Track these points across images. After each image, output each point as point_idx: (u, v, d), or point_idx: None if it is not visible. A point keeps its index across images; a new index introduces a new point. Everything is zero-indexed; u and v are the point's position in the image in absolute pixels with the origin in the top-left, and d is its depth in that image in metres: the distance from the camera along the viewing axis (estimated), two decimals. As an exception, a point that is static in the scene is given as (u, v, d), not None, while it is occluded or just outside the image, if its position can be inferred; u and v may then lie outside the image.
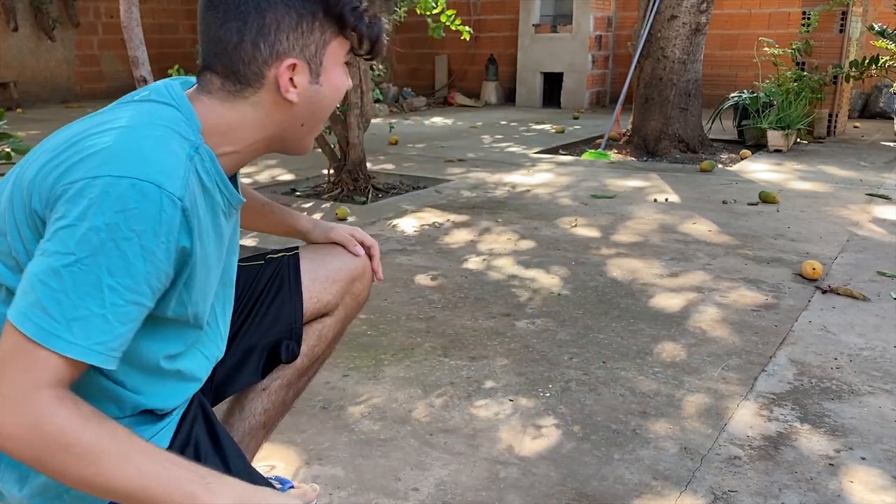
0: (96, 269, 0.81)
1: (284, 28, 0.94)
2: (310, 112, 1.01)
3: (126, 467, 0.82)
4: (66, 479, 0.83)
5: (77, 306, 0.80)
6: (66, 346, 0.80)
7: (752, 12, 8.93)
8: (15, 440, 0.80)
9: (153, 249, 0.83)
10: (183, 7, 12.44)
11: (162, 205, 0.83)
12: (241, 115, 0.97)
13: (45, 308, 0.80)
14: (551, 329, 2.37)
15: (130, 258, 0.82)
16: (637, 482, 1.56)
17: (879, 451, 1.68)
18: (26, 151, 2.63)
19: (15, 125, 7.93)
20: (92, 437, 0.82)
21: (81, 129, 0.90)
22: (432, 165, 5.39)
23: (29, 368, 0.80)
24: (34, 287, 0.81)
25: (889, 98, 8.14)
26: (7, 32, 10.34)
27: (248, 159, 1.03)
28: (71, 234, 0.81)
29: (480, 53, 10.75)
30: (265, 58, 0.95)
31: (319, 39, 0.97)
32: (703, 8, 5.58)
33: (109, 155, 0.84)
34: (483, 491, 1.53)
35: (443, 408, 1.87)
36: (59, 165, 0.86)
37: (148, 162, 0.84)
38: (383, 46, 1.03)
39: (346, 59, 1.02)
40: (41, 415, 0.80)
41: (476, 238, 3.43)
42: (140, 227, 0.82)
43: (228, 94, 0.97)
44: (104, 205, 0.81)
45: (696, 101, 5.87)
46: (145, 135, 0.87)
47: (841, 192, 4.41)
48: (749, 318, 2.45)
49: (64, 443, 0.80)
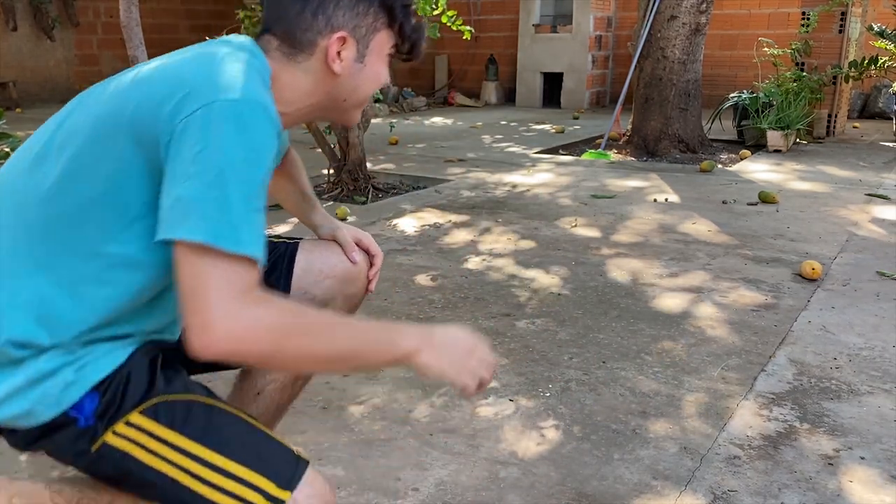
0: (239, 179, 0.90)
1: (343, 6, 1.05)
2: (351, 88, 1.10)
3: (341, 332, 0.97)
4: (302, 360, 0.97)
5: (240, 214, 0.89)
6: (249, 248, 0.89)
7: (751, 13, 8.94)
8: (253, 342, 0.89)
9: (266, 161, 0.94)
10: (183, 7, 12.44)
11: (272, 122, 0.95)
12: (292, 78, 1.07)
13: (220, 220, 0.88)
14: (551, 329, 2.37)
15: (256, 167, 0.92)
16: (637, 482, 1.56)
17: (879, 450, 1.68)
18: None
19: (14, 125, 7.91)
20: (311, 316, 0.98)
21: (177, 64, 0.99)
22: (432, 165, 5.40)
23: (230, 279, 0.88)
24: (200, 206, 0.88)
25: (888, 98, 8.14)
26: (6, 32, 10.34)
27: (292, 123, 1.11)
28: (210, 154, 0.89)
29: (480, 53, 10.75)
30: (320, 28, 1.04)
31: (371, 25, 1.07)
32: (703, 8, 5.58)
33: (221, 82, 0.94)
34: (483, 491, 1.53)
35: (443, 408, 1.87)
36: (168, 99, 0.93)
37: (254, 88, 0.95)
38: (422, 51, 1.14)
39: (389, 53, 1.12)
40: (264, 314, 0.90)
41: (476, 238, 3.43)
42: (259, 140, 0.92)
43: (283, 56, 1.06)
44: (228, 123, 0.91)
45: (696, 101, 5.87)
46: (242, 67, 0.98)
47: (840, 192, 4.42)
48: (749, 318, 2.46)
49: (298, 327, 0.93)
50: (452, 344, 1.04)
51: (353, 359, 1.00)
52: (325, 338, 0.96)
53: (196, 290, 0.87)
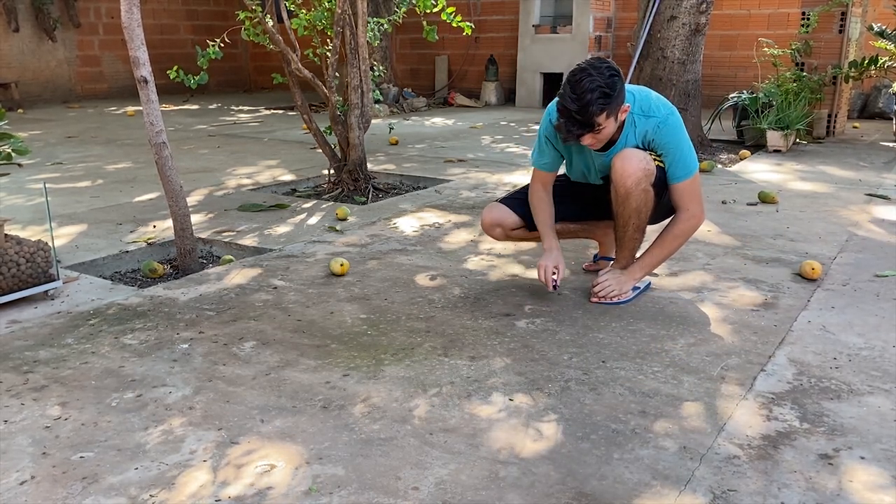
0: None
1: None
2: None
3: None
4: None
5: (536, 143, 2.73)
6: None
7: (751, 13, 8.94)
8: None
9: (541, 132, 2.74)
10: (184, 8, 12.45)
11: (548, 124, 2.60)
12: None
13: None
14: (551, 329, 2.37)
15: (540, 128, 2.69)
16: (637, 481, 1.56)
17: (878, 450, 1.68)
18: (26, 152, 2.63)
19: (16, 126, 7.94)
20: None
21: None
22: (432, 165, 5.40)
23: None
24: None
25: (888, 98, 8.14)
26: (8, 33, 10.34)
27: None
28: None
29: (480, 54, 10.76)
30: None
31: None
32: (703, 9, 5.58)
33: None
34: (483, 490, 1.53)
35: (443, 407, 1.87)
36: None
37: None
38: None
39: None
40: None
41: (476, 238, 3.44)
42: (543, 124, 2.70)
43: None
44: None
45: (696, 101, 5.87)
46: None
47: (840, 192, 4.42)
48: (748, 318, 2.46)
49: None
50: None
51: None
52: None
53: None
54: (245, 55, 13.17)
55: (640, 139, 2.47)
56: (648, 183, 2.44)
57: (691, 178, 2.50)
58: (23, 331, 2.39)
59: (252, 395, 1.94)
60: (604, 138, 2.36)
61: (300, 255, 3.19)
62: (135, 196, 4.42)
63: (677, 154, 2.47)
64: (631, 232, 2.54)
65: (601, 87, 2.22)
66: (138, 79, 2.84)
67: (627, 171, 2.40)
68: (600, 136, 2.34)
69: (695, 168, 2.50)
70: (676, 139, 2.46)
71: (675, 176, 2.49)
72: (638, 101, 2.46)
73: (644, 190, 2.44)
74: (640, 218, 2.51)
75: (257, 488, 1.54)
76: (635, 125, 2.46)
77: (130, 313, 2.52)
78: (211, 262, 3.26)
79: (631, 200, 2.45)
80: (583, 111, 2.24)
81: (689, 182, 2.50)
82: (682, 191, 2.50)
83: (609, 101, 2.24)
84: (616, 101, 2.27)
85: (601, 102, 2.23)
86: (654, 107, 2.46)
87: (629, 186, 2.42)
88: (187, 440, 1.72)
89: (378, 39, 4.83)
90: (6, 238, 2.62)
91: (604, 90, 2.22)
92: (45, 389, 1.98)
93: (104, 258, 3.18)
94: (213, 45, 3.96)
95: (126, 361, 2.15)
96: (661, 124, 2.44)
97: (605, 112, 2.26)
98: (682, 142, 2.47)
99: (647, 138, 2.47)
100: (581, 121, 2.26)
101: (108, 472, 1.60)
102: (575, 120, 2.27)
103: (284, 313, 2.52)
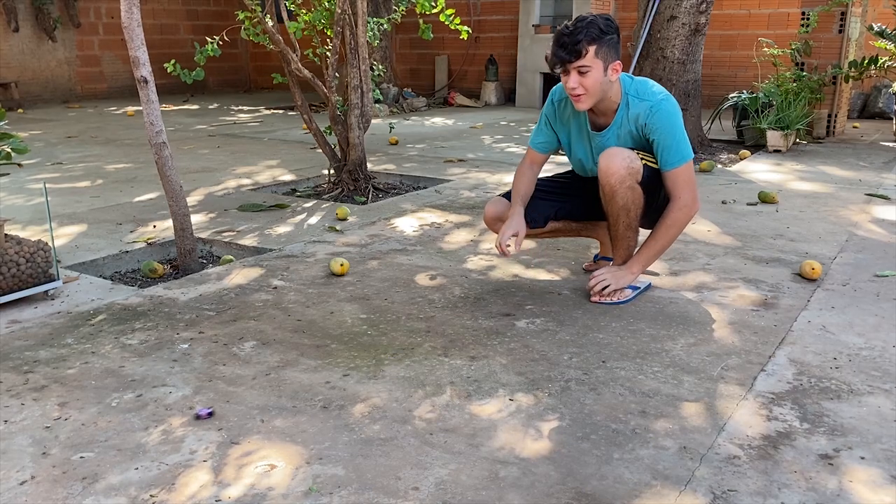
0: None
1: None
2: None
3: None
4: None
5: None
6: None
7: (751, 13, 8.94)
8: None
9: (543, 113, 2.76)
10: (184, 7, 12.44)
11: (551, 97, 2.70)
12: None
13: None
14: (551, 329, 2.37)
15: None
16: (637, 481, 1.56)
17: (878, 450, 1.68)
18: (26, 151, 2.63)
19: (16, 125, 7.94)
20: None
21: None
22: (432, 165, 5.40)
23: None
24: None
25: (888, 98, 8.14)
26: (8, 33, 10.34)
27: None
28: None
29: (480, 54, 10.76)
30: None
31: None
32: (703, 8, 5.58)
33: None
34: (483, 490, 1.53)
35: (443, 407, 1.87)
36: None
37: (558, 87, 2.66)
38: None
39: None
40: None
41: (476, 238, 3.44)
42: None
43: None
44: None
45: (696, 101, 5.87)
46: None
47: (840, 192, 4.42)
48: (748, 318, 2.46)
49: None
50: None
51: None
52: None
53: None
54: (245, 55, 13.17)
55: (634, 123, 2.50)
56: (634, 181, 2.45)
57: (684, 165, 2.49)
58: (23, 331, 2.39)
59: (252, 395, 1.94)
60: (589, 86, 2.38)
61: (300, 255, 3.19)
62: (135, 196, 4.42)
63: (670, 140, 2.47)
64: (622, 230, 2.56)
65: (597, 25, 2.35)
66: (138, 79, 2.84)
67: (612, 168, 2.42)
68: (586, 82, 2.37)
69: (688, 156, 2.50)
70: (670, 124, 2.47)
71: (668, 162, 2.49)
72: (635, 84, 2.52)
73: (629, 188, 2.45)
74: (629, 216, 2.52)
75: (257, 488, 1.54)
76: (629, 107, 2.49)
77: (130, 313, 2.52)
78: (211, 262, 3.27)
79: (617, 198, 2.47)
80: (572, 35, 2.34)
81: (681, 169, 2.49)
82: (675, 178, 2.50)
83: (601, 37, 2.34)
84: (607, 43, 2.36)
85: (592, 33, 2.33)
86: (649, 91, 2.50)
87: (613, 184, 2.44)
88: (187, 440, 1.72)
89: (378, 39, 4.83)
90: (6, 238, 2.62)
91: (599, 27, 2.35)
92: (45, 389, 1.98)
93: (104, 258, 3.19)
94: (212, 42, 3.95)
95: (126, 361, 2.15)
96: (654, 107, 2.46)
97: (595, 46, 2.34)
98: (675, 127, 2.48)
99: (640, 122, 2.49)
100: (569, 44, 2.34)
101: (109, 472, 1.60)
102: (563, 44, 2.35)
103: (284, 313, 2.52)
